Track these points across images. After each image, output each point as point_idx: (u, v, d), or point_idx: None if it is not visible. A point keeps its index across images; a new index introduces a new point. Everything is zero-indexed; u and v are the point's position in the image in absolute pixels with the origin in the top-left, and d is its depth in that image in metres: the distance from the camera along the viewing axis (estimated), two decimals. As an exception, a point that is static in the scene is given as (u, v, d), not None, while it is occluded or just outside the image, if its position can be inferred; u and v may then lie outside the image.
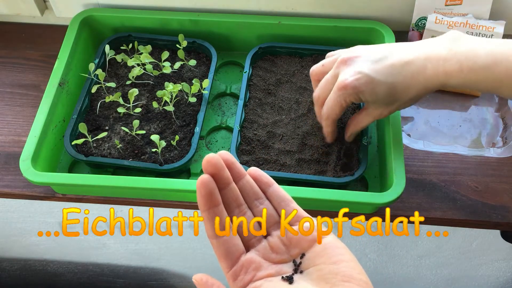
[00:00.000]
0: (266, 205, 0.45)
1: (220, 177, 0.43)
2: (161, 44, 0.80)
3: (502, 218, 0.68)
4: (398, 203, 0.69)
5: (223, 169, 0.43)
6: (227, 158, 0.44)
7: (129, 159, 0.68)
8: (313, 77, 0.67)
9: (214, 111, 0.77)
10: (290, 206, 0.45)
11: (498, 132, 0.76)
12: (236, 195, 0.44)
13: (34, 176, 0.65)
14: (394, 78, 0.58)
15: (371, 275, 1.26)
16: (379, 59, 0.58)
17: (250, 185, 0.45)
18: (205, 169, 0.42)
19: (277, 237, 0.45)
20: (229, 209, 0.44)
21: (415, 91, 0.58)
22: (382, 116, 0.63)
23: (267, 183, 0.46)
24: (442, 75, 0.56)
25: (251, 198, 0.45)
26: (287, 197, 0.46)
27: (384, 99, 0.59)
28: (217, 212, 0.42)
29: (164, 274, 1.37)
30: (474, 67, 0.54)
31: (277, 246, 0.44)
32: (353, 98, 0.60)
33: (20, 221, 1.15)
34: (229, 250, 0.43)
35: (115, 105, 0.73)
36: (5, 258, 1.35)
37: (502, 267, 1.16)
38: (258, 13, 0.82)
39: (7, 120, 0.78)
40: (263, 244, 0.44)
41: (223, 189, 0.43)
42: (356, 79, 0.58)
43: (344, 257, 0.42)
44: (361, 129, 0.67)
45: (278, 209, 0.46)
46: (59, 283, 1.46)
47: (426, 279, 1.26)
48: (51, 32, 0.88)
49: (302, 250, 0.44)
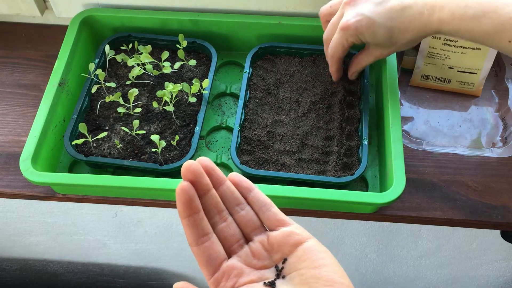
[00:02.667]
0: (247, 210, 0.45)
1: (199, 184, 0.42)
2: (161, 44, 0.80)
3: (502, 218, 0.68)
4: (398, 203, 0.69)
5: (203, 175, 0.42)
6: (207, 164, 0.43)
7: (129, 159, 0.68)
8: (321, 18, 0.70)
9: (214, 111, 0.77)
10: (271, 210, 0.45)
11: (498, 132, 0.76)
12: (216, 202, 0.44)
13: (34, 176, 0.65)
14: (393, 21, 0.61)
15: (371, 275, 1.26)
16: (381, 1, 0.61)
17: (230, 191, 0.45)
18: (184, 176, 0.42)
19: (258, 243, 0.44)
20: (209, 216, 0.43)
21: (411, 35, 0.61)
22: (382, 57, 0.67)
23: (248, 188, 0.46)
24: (436, 21, 0.59)
25: (231, 203, 0.45)
26: (268, 201, 0.46)
27: (383, 41, 0.63)
28: (197, 219, 0.42)
29: (164, 274, 1.37)
30: (464, 16, 0.57)
31: (259, 251, 0.44)
32: (354, 39, 0.64)
33: (20, 221, 1.15)
34: (210, 257, 0.42)
35: (115, 105, 0.73)
36: (5, 258, 1.35)
37: (502, 267, 1.16)
38: (258, 13, 0.82)
39: (7, 120, 0.78)
40: (245, 250, 0.44)
41: (203, 195, 0.43)
42: (358, 21, 0.62)
43: (326, 261, 0.42)
44: (362, 68, 0.71)
45: (259, 214, 0.45)
46: (59, 283, 1.46)
47: (426, 279, 1.26)
48: (51, 32, 0.88)
49: (284, 255, 0.43)
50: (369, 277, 1.28)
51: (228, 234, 0.44)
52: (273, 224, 0.45)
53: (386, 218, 0.69)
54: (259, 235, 0.45)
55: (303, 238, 0.43)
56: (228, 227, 0.44)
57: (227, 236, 0.44)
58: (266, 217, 0.45)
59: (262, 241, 0.45)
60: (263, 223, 0.46)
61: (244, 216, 0.45)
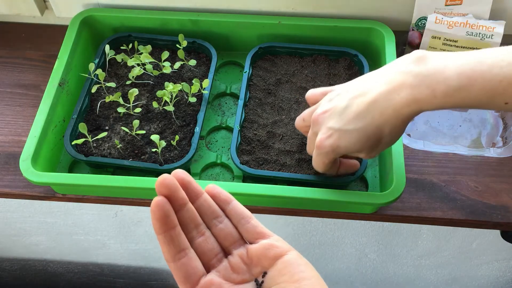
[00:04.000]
0: (225, 223, 0.44)
1: (175, 198, 0.41)
2: (161, 44, 0.80)
3: (502, 218, 0.68)
4: (398, 203, 0.69)
5: (178, 189, 0.41)
6: (183, 177, 0.42)
7: (129, 159, 0.68)
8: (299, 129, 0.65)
9: (214, 111, 0.77)
10: (250, 223, 0.44)
11: (498, 132, 0.76)
12: (193, 216, 0.43)
13: (34, 176, 0.65)
14: (363, 122, 0.54)
15: (371, 275, 1.26)
16: (344, 108, 0.55)
17: (207, 204, 0.44)
18: (158, 191, 0.40)
19: (238, 256, 0.44)
20: (186, 230, 0.42)
21: (389, 126, 0.54)
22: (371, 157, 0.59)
23: (226, 200, 0.45)
24: (413, 103, 0.51)
25: (209, 217, 0.44)
26: (247, 213, 0.44)
27: (362, 146, 0.56)
28: (173, 234, 0.41)
29: (164, 274, 1.37)
30: (448, 91, 0.49)
31: (238, 265, 0.43)
32: (333, 155, 0.58)
33: (20, 221, 1.15)
34: (188, 273, 0.41)
35: (115, 105, 0.73)
36: (5, 258, 1.35)
37: (502, 267, 1.16)
38: (258, 13, 0.82)
39: (7, 120, 0.78)
40: (224, 264, 0.43)
41: (179, 210, 0.42)
42: (328, 136, 0.56)
43: (306, 275, 0.41)
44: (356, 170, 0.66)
45: (238, 227, 0.44)
46: (59, 283, 1.46)
47: (426, 279, 1.26)
48: (51, 32, 0.88)
49: (263, 268, 0.43)
50: (369, 277, 1.28)
51: (206, 248, 0.43)
52: (253, 237, 0.44)
53: (386, 218, 0.69)
54: (238, 248, 0.44)
55: (283, 250, 0.43)
56: (206, 241, 0.43)
57: (205, 250, 0.43)
58: (245, 230, 0.44)
59: (241, 254, 0.44)
60: (242, 235, 0.45)
61: (223, 230, 0.44)
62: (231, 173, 0.71)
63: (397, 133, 0.55)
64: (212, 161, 0.72)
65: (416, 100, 0.51)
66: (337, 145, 0.56)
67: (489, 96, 0.49)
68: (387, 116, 0.53)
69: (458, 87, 0.49)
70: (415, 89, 0.50)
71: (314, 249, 1.14)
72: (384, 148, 0.57)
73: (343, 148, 0.56)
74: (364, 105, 0.53)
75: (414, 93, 0.51)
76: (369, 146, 0.56)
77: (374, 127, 0.54)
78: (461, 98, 0.49)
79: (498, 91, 0.48)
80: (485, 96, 0.49)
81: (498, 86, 0.48)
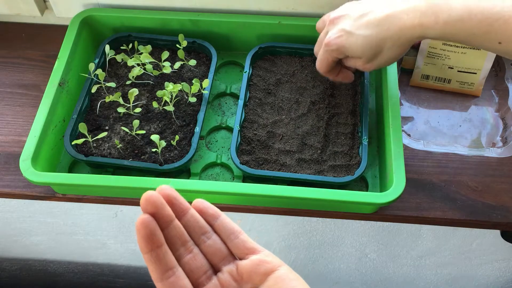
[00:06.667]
0: (213, 239, 0.43)
1: (161, 216, 0.40)
2: (161, 44, 0.80)
3: (502, 218, 0.68)
4: (398, 203, 0.69)
5: (164, 206, 0.40)
6: (168, 193, 0.41)
7: (129, 159, 0.68)
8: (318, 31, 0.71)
9: (214, 111, 0.77)
10: (239, 238, 0.43)
11: (498, 132, 0.76)
12: (180, 233, 0.41)
13: (34, 176, 0.65)
14: (372, 31, 0.60)
15: (371, 275, 1.26)
16: (360, 16, 0.62)
17: (195, 220, 0.43)
18: (143, 208, 0.39)
19: (227, 273, 0.42)
20: (174, 248, 0.41)
21: (390, 42, 0.60)
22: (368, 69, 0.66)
23: (213, 215, 0.43)
24: (418, 27, 0.57)
25: (197, 233, 0.43)
26: (236, 228, 0.43)
27: (364, 52, 0.63)
28: (160, 253, 0.39)
29: (164, 274, 1.36)
30: (449, 20, 0.55)
31: (228, 283, 0.42)
32: (337, 54, 0.65)
33: (20, 221, 1.15)
34: None
35: (115, 105, 0.73)
36: (5, 258, 1.35)
37: (502, 267, 1.16)
38: (258, 13, 0.82)
39: (7, 120, 0.78)
40: (213, 282, 0.42)
41: (165, 228, 0.40)
42: (338, 37, 0.63)
43: None
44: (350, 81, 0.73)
45: (227, 242, 0.43)
46: (59, 283, 1.46)
47: (426, 279, 1.26)
48: (51, 32, 0.88)
49: (254, 285, 0.42)
50: (369, 277, 1.28)
51: (195, 266, 0.42)
52: (242, 252, 0.43)
53: (386, 218, 0.69)
54: (228, 264, 0.43)
55: (274, 266, 0.42)
56: (194, 258, 0.42)
57: (193, 268, 0.42)
58: (235, 245, 0.43)
59: (231, 271, 0.43)
60: (232, 251, 0.43)
61: (211, 246, 0.43)
62: (231, 173, 0.71)
63: (395, 52, 0.61)
64: (212, 161, 0.72)
65: (421, 24, 0.57)
66: (343, 45, 0.63)
67: (484, 32, 0.54)
68: (392, 32, 0.59)
69: (460, 17, 0.54)
70: (423, 14, 0.57)
71: (314, 249, 1.14)
72: (379, 64, 0.64)
73: (347, 49, 0.63)
74: (378, 17, 0.60)
75: (421, 18, 0.57)
76: (369, 54, 0.63)
77: (379, 38, 0.60)
78: (459, 29, 0.55)
79: (493, 27, 0.53)
80: (480, 30, 0.54)
81: (495, 22, 0.53)
